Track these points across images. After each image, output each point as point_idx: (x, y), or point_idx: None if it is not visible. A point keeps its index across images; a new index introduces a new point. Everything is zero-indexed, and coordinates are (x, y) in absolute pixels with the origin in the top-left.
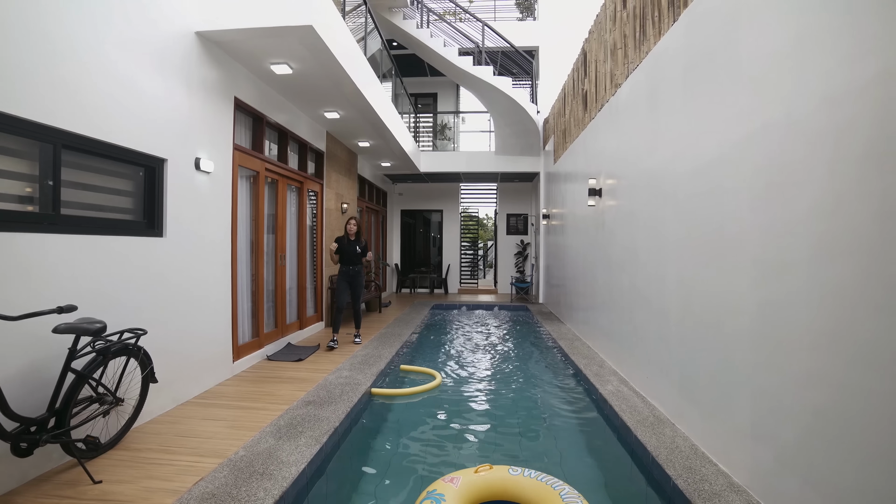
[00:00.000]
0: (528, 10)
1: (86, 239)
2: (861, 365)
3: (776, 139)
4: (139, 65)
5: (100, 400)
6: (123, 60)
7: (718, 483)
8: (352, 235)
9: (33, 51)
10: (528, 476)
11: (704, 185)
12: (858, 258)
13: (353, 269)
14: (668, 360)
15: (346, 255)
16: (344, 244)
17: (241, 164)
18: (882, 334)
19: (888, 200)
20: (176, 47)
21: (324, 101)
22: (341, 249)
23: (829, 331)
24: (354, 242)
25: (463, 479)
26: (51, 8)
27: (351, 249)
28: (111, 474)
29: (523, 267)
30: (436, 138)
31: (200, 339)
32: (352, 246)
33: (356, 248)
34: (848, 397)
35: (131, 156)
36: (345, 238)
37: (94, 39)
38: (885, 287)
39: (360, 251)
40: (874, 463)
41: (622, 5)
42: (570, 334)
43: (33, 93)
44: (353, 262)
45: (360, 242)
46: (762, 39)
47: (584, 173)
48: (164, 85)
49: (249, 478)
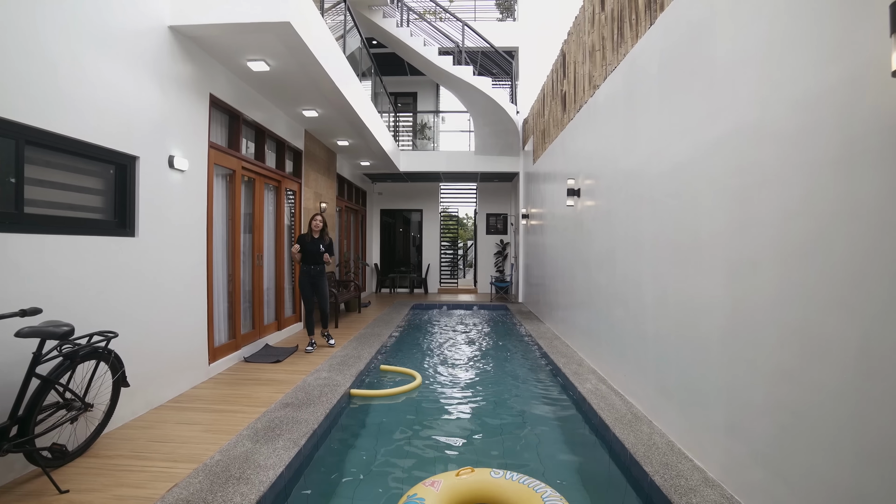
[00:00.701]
0: (507, 10)
1: (52, 239)
2: (827, 361)
3: (748, 141)
4: (109, 59)
5: (67, 406)
6: (92, 54)
7: (694, 478)
8: (315, 233)
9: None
10: (511, 479)
11: (679, 186)
12: (825, 257)
13: (316, 269)
14: (645, 357)
15: (308, 254)
16: (306, 242)
17: (216, 162)
18: (846, 332)
19: (852, 202)
20: (148, 41)
21: (302, 99)
22: (303, 248)
23: (797, 328)
24: (318, 240)
25: (444, 482)
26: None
27: (313, 248)
28: (79, 483)
29: (503, 266)
30: (416, 138)
31: (175, 341)
32: (314, 244)
33: (319, 246)
34: (814, 393)
35: (101, 153)
36: (308, 235)
37: (61, 31)
38: (849, 285)
39: (323, 249)
40: (841, 456)
41: (600, 7)
42: (549, 333)
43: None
44: (315, 261)
45: (323, 240)
46: (735, 44)
47: (563, 173)
48: (135, 80)
49: (226, 483)
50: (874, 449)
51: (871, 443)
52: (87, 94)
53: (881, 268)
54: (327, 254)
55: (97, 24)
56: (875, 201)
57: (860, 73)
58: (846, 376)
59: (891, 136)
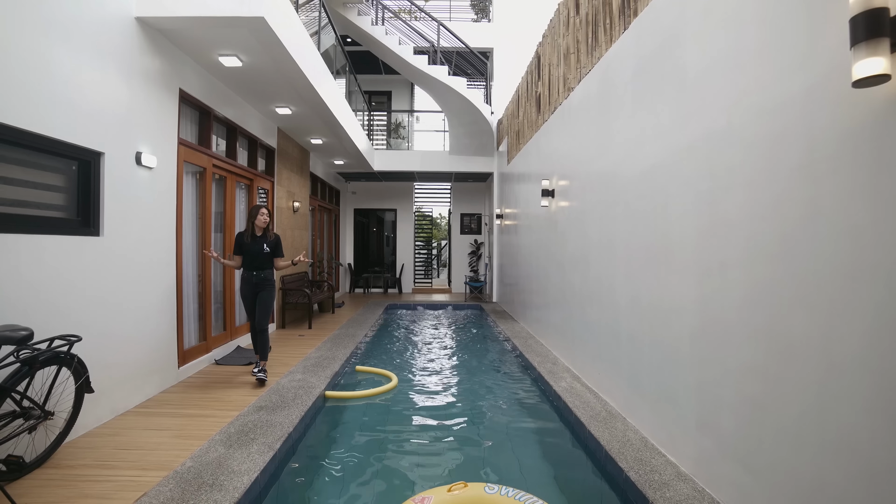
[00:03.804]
0: (482, 11)
1: (10, 238)
2: (791, 358)
3: (717, 146)
4: (72, 50)
5: (25, 415)
6: (55, 44)
7: (667, 473)
8: (259, 230)
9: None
10: (506, 494)
11: (651, 188)
12: (789, 259)
13: (259, 276)
14: (619, 356)
15: (248, 257)
16: (245, 241)
17: (186, 159)
18: (809, 330)
19: (815, 205)
20: (114, 33)
21: (275, 96)
22: (241, 249)
23: (764, 327)
24: (261, 239)
25: (435, 498)
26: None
27: (255, 249)
28: (36, 496)
29: (477, 266)
30: (390, 137)
31: (142, 344)
32: (256, 244)
33: (263, 245)
34: (779, 388)
35: (63, 148)
36: (248, 232)
37: (20, 20)
38: (811, 285)
39: (267, 250)
40: (804, 448)
41: (575, 11)
42: (523, 332)
43: None
44: (259, 265)
45: (267, 239)
46: (705, 51)
47: (538, 174)
48: (100, 73)
49: (198, 490)
50: (835, 440)
51: (832, 434)
52: (47, 86)
53: (841, 269)
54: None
55: (60, 12)
56: (835, 204)
57: (823, 82)
58: (809, 372)
59: (850, 142)
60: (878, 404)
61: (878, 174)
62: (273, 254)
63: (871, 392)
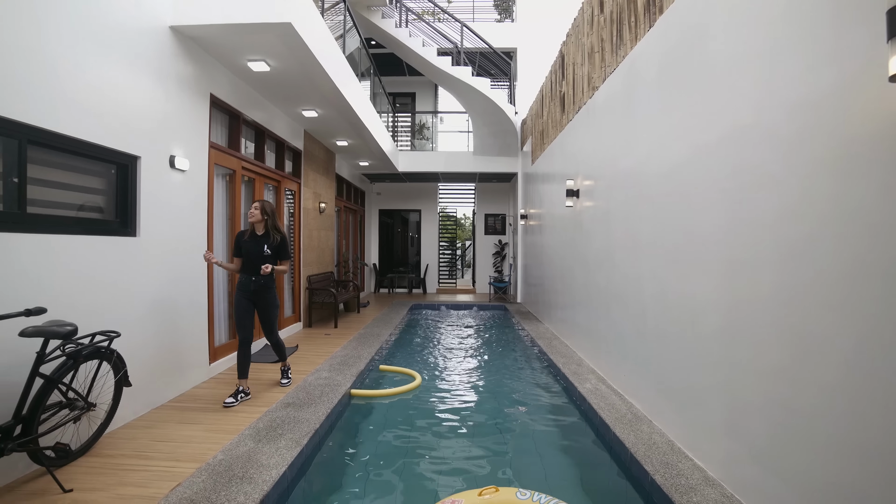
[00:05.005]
0: (506, 11)
1: (55, 238)
2: (822, 360)
3: (744, 143)
4: (110, 59)
5: (70, 405)
6: (94, 54)
7: (694, 477)
8: (259, 228)
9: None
10: (538, 501)
11: (677, 186)
12: (820, 258)
13: (258, 282)
14: (645, 357)
15: (246, 260)
16: (245, 241)
17: (217, 162)
18: (841, 331)
19: (846, 204)
20: (150, 42)
21: (302, 100)
22: (240, 250)
23: (793, 327)
24: (262, 239)
25: (465, 502)
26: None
27: (254, 250)
28: (83, 482)
29: (501, 267)
30: (414, 138)
31: (176, 340)
32: (255, 244)
33: (263, 247)
34: (810, 391)
35: (102, 153)
36: (246, 232)
37: (63, 31)
38: (844, 285)
39: (268, 252)
40: (836, 453)
41: (599, 10)
42: (548, 333)
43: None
44: (256, 269)
45: (269, 240)
46: (732, 47)
47: (562, 174)
48: (137, 80)
49: (229, 482)
50: (868, 445)
51: (866, 439)
52: (88, 93)
53: (875, 269)
54: (269, 264)
55: (99, 23)
56: (868, 203)
57: (857, 77)
58: (841, 375)
59: (886, 139)
60: None
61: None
62: (276, 257)
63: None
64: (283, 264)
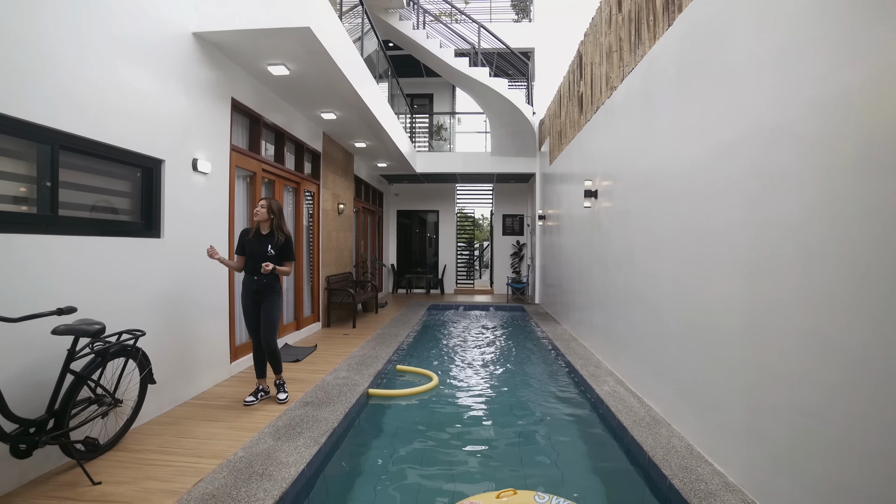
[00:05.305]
0: (523, 11)
1: (84, 240)
2: (846, 364)
3: (765, 143)
4: (137, 66)
5: (98, 401)
6: (121, 61)
7: (714, 482)
8: (265, 227)
9: (30, 52)
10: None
11: (696, 187)
12: (844, 260)
13: (260, 282)
14: (663, 359)
15: (250, 259)
16: (248, 240)
17: (238, 164)
18: (866, 334)
19: (872, 205)
20: (174, 48)
21: (320, 102)
22: (244, 248)
23: (816, 330)
24: (266, 238)
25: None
26: (47, 9)
27: (258, 249)
28: (110, 475)
29: (519, 267)
30: (432, 139)
31: (198, 339)
32: (259, 243)
33: (267, 246)
34: (833, 395)
35: (129, 157)
36: (253, 229)
37: (92, 40)
38: (868, 289)
39: (272, 252)
40: (860, 460)
41: (617, 9)
42: (566, 335)
43: (31, 94)
44: (259, 269)
45: (274, 239)
46: (753, 45)
47: (580, 174)
48: (161, 86)
49: (249, 479)
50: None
51: (893, 446)
52: (116, 99)
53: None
54: (271, 263)
55: (126, 32)
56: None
57: (883, 74)
58: (866, 380)
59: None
60: None
61: None
62: (280, 257)
63: None
64: (286, 266)
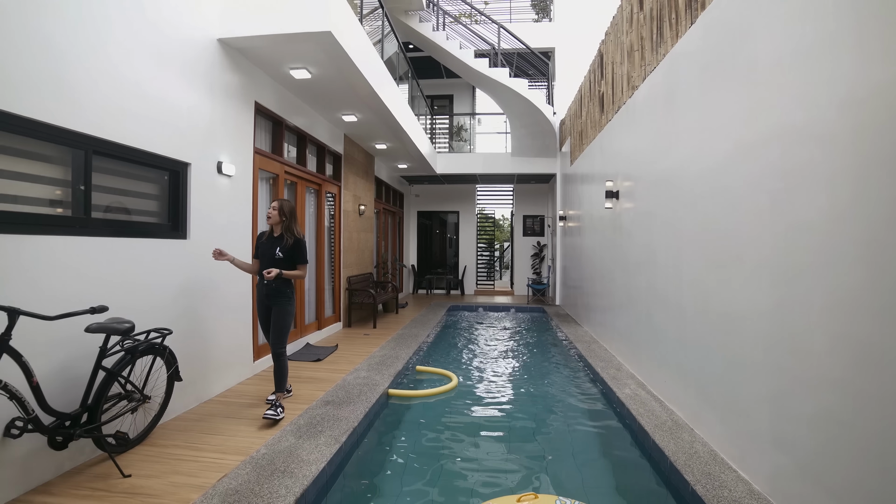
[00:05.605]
0: (543, 11)
1: (115, 241)
2: (877, 371)
3: (792, 143)
4: (165, 72)
5: (128, 397)
6: (151, 69)
7: (738, 490)
8: (276, 230)
9: (64, 61)
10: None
11: (721, 187)
12: (874, 262)
13: (270, 285)
14: (686, 363)
15: (263, 260)
16: (262, 243)
17: (261, 167)
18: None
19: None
20: (200, 55)
21: (341, 105)
22: (258, 250)
23: (845, 335)
24: (277, 241)
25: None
26: (80, 19)
27: (268, 251)
28: (139, 469)
29: (540, 268)
30: (452, 140)
31: (222, 338)
32: (271, 246)
33: (276, 250)
34: (864, 404)
35: (157, 160)
36: (266, 233)
37: (123, 48)
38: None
39: (280, 255)
40: (892, 471)
41: (639, 7)
42: (587, 337)
43: (67, 101)
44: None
45: (283, 242)
46: (779, 43)
47: (602, 175)
48: (188, 91)
49: (271, 475)
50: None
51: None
52: (146, 105)
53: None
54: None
55: (155, 40)
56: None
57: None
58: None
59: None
60: None
61: None
62: (290, 260)
63: None
64: (298, 269)
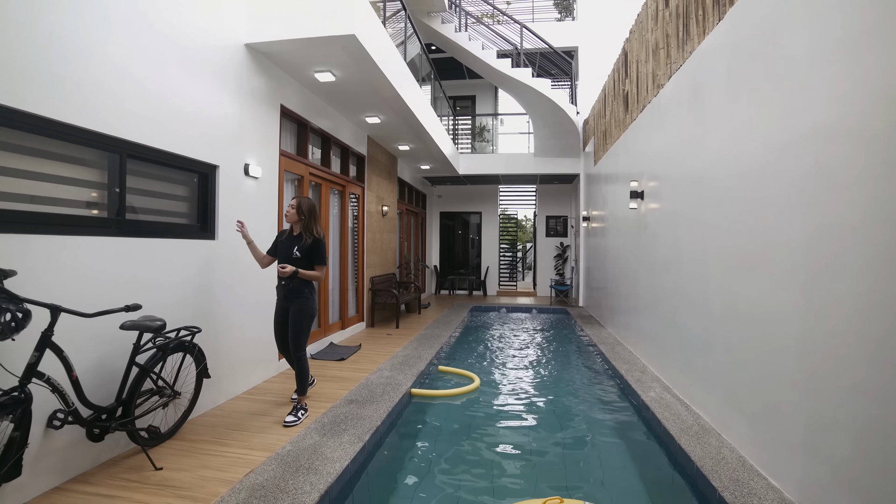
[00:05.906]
0: (566, 10)
1: (147, 241)
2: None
3: (826, 141)
4: (195, 77)
5: (160, 392)
6: (182, 74)
7: (768, 498)
8: (296, 229)
9: (101, 67)
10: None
11: (749, 187)
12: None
13: (288, 285)
14: (713, 366)
15: (280, 260)
16: (281, 241)
17: (286, 168)
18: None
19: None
20: (228, 60)
21: (365, 107)
22: (277, 249)
23: (883, 340)
24: (295, 240)
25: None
26: (114, 27)
27: (285, 251)
28: (170, 462)
29: (563, 269)
30: (474, 140)
31: (249, 337)
32: (289, 245)
33: (293, 249)
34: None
35: (187, 163)
36: (286, 232)
37: (156, 57)
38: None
39: (297, 255)
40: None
41: (664, 4)
42: (610, 339)
43: (104, 106)
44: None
45: (301, 241)
46: (812, 38)
47: (626, 175)
48: (217, 95)
49: (296, 472)
50: None
51: None
52: (177, 109)
53: None
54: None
55: (184, 45)
56: None
57: None
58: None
59: None
60: None
61: None
62: (308, 260)
63: None
64: (317, 269)
